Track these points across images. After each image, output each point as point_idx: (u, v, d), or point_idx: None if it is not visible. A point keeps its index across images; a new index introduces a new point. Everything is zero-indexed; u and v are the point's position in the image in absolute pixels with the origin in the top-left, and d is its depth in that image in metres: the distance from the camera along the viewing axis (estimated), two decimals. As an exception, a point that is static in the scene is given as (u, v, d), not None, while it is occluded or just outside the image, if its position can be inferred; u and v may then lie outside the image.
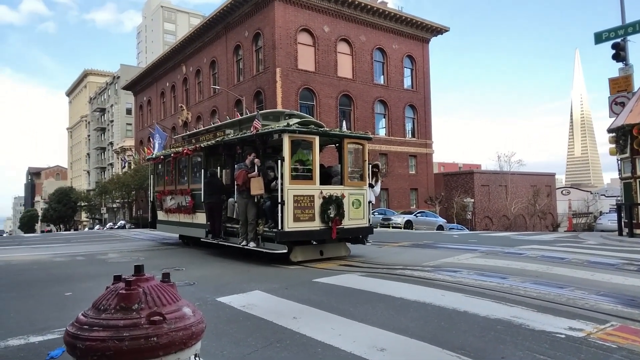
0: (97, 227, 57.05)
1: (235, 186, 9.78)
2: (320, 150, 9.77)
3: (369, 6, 34.62)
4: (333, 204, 9.03)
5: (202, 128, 15.71)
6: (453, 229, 30.94)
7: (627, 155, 14.20)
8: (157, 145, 18.76)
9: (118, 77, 70.96)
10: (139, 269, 1.52)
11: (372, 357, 3.59)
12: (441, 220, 31.18)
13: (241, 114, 31.38)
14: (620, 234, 14.82)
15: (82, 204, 64.75)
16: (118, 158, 66.45)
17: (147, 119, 52.30)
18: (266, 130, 9.31)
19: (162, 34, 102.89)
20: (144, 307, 1.42)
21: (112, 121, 75.03)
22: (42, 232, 60.68)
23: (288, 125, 8.97)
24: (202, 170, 11.43)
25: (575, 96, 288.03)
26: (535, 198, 44.78)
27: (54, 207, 63.48)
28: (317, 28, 32.65)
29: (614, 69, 17.08)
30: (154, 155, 15.42)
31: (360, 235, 9.86)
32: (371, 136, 10.66)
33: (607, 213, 34.01)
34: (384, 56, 36.82)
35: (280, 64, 30.73)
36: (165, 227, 14.22)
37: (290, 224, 8.52)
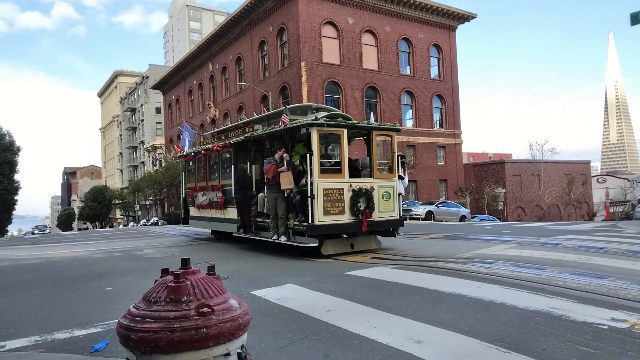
0: (131, 224, 58.60)
1: (265, 181, 9.85)
2: (348, 143, 9.72)
3: (393, -4, 34.14)
4: (363, 196, 9.00)
5: (231, 124, 15.89)
6: (484, 220, 30.35)
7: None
8: (186, 143, 19.09)
9: (147, 77, 72.39)
10: (185, 263, 1.56)
11: (409, 349, 3.58)
12: (464, 211, 30.34)
13: (267, 110, 31.61)
14: (662, 222, 14.26)
15: (117, 202, 66.58)
16: (149, 156, 67.95)
17: (176, 117, 53.22)
18: (294, 124, 9.35)
19: (188, 33, 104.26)
20: (193, 299, 1.46)
21: (142, 120, 76.72)
22: (79, 229, 62.77)
23: (316, 119, 8.98)
24: (232, 166, 11.54)
25: (610, 80, 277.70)
26: (569, 187, 43.50)
27: (89, 205, 65.53)
28: (341, 20, 32.45)
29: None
30: (184, 153, 15.64)
31: (390, 227, 9.81)
32: (400, 127, 10.59)
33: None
34: (410, 46, 36.33)
35: (305, 58, 30.72)
36: (198, 222, 14.41)
37: (320, 218, 8.55)
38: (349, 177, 9.15)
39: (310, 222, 8.54)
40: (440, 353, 3.49)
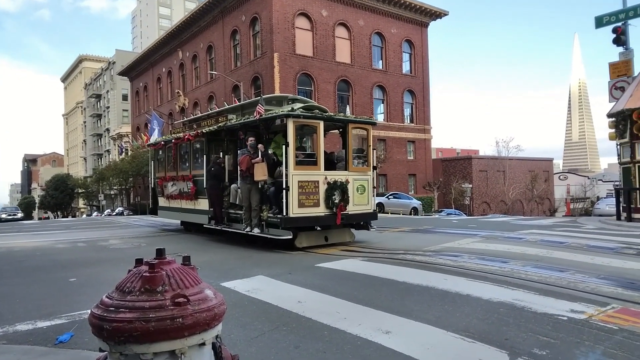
0: (95, 214, 57.08)
1: (239, 172, 9.69)
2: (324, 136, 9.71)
3: (367, -10, 34.23)
4: (338, 189, 8.99)
5: (204, 113, 15.60)
6: (450, 214, 30.97)
7: (627, 140, 14.25)
8: (155, 132, 18.68)
9: (113, 63, 70.29)
10: (160, 253, 1.55)
11: (377, 339, 3.65)
12: (415, 202, 30.07)
13: (239, 100, 31.24)
14: (619, 218, 14.93)
15: (80, 191, 64.65)
16: (115, 144, 66.18)
17: (144, 105, 51.98)
18: (270, 115, 9.22)
19: (158, 19, 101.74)
20: (168, 289, 1.45)
21: (108, 107, 74.55)
22: (40, 219, 60.69)
23: (292, 110, 8.86)
24: (204, 156, 11.35)
25: (574, 81, 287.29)
26: (533, 183, 44.91)
27: (51, 194, 63.36)
28: (314, 12, 32.32)
29: (614, 54, 16.99)
30: (154, 141, 15.24)
31: (364, 221, 9.84)
32: (375, 121, 10.65)
33: (604, 198, 34.18)
34: (383, 41, 36.55)
35: (278, 49, 30.48)
36: (167, 213, 14.18)
37: (295, 210, 8.49)
38: (324, 170, 9.12)
39: (284, 214, 8.47)
40: (408, 343, 3.57)
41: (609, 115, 14.98)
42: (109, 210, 53.32)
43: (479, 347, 3.47)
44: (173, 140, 13.10)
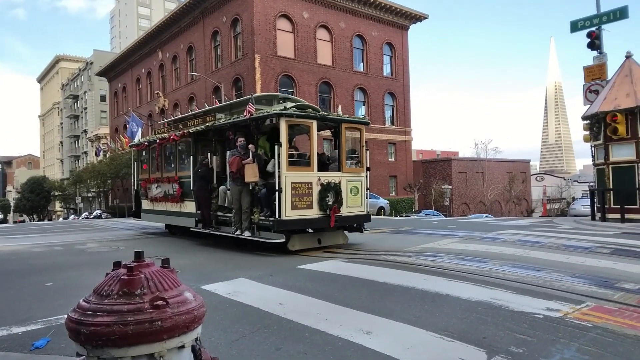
0: (72, 217, 55.94)
1: (229, 173, 9.36)
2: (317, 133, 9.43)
3: (348, -8, 34.40)
4: (331, 191, 8.77)
5: (189, 113, 15.16)
6: (429, 215, 31.29)
7: (601, 142, 14.61)
8: (134, 133, 18.42)
9: (91, 63, 69.05)
10: (139, 255, 1.54)
11: (358, 340, 3.67)
12: (383, 202, 29.74)
13: (220, 101, 30.96)
14: (593, 218, 15.30)
15: (56, 194, 63.31)
16: (92, 146, 64.97)
17: (123, 106, 51.20)
18: (261, 114, 8.95)
19: (137, 19, 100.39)
20: (147, 292, 1.44)
21: (85, 108, 73.19)
22: (15, 222, 59.19)
23: (285, 108, 8.57)
24: (191, 157, 11.00)
25: (550, 84, 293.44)
26: (510, 184, 45.70)
27: (26, 197, 61.90)
28: (296, 14, 32.33)
29: (589, 57, 17.46)
30: (137, 142, 14.64)
31: (358, 223, 9.64)
32: (369, 121, 10.35)
33: (579, 198, 34.97)
34: (364, 43, 36.77)
35: (259, 50, 30.40)
36: (151, 216, 13.75)
37: (288, 212, 8.25)
38: (318, 171, 8.90)
39: (277, 216, 8.24)
40: (388, 343, 3.60)
41: (584, 118, 15.34)
42: (86, 213, 52.33)
43: (458, 346, 3.52)
44: (157, 141, 12.64)
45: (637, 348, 3.43)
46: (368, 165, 9.96)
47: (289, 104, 9.25)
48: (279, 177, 8.23)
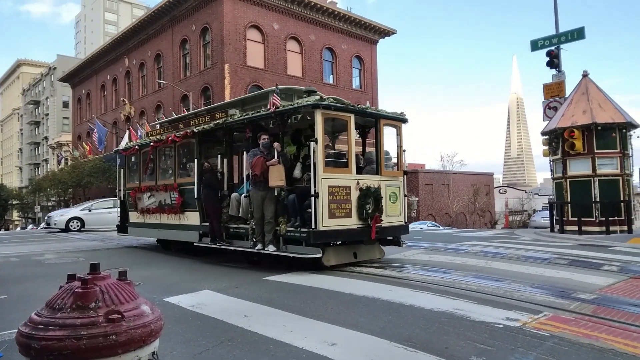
0: (30, 226, 53.77)
1: (251, 176, 7.98)
2: (337, 136, 8.98)
3: (319, 5, 34.79)
4: (371, 197, 7.65)
5: (190, 111, 13.33)
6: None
7: (559, 156, 15.19)
8: (101, 140, 17.94)
9: (54, 69, 67.09)
10: (94, 267, 1.50)
11: (323, 351, 3.67)
12: None
13: (187, 110, 30.59)
14: (552, 230, 15.83)
15: (14, 203, 60.77)
16: (54, 154, 62.84)
17: (86, 113, 49.83)
18: (290, 106, 7.70)
19: (103, 25, 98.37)
20: (102, 305, 1.41)
21: (47, 115, 70.89)
22: (-32, 232, 56.39)
23: (321, 99, 7.43)
24: (195, 160, 9.59)
25: (512, 99, 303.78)
26: (475, 197, 46.82)
27: (-19, 206, 59.12)
28: (266, 25, 32.42)
29: (549, 75, 18.19)
30: (124, 146, 13.05)
31: (397, 235, 8.53)
32: (407, 118, 9.04)
33: (540, 211, 36.16)
34: (333, 56, 37.17)
35: (229, 60, 30.27)
36: (141, 230, 12.08)
37: (325, 222, 7.12)
38: (356, 174, 7.81)
39: (313, 227, 7.07)
40: (353, 354, 3.62)
41: (543, 134, 15.94)
42: (43, 224, 50.40)
43: (420, 356, 3.56)
44: (152, 144, 11.08)
45: (591, 356, 3.56)
46: (405, 169, 8.99)
47: (314, 98, 7.86)
48: (315, 179, 7.09)
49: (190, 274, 7.68)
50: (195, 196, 9.39)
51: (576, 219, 14.55)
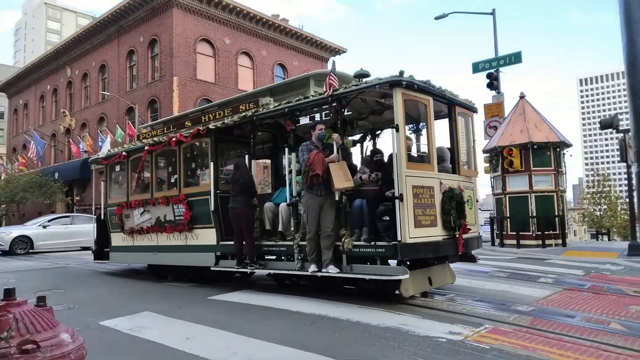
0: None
1: (307, 178, 6.17)
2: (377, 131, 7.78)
3: (270, 22, 34.99)
4: (454, 201, 6.28)
5: (195, 108, 11.12)
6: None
7: (499, 173, 15.92)
8: (39, 152, 16.97)
9: (-12, 77, 63.21)
10: (9, 293, 1.38)
11: (267, 372, 3.58)
12: None
13: (133, 123, 29.73)
14: (493, 244, 16.47)
15: (-62, 219, 56.12)
16: (-15, 167, 58.82)
17: (23, 124, 47.15)
18: (353, 87, 6.21)
19: (45, 33, 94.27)
20: (15, 334, 1.29)
21: (-21, 125, 66.42)
22: None
23: (401, 74, 5.90)
24: (211, 163, 7.81)
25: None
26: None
27: None
28: (217, 39, 32.18)
29: (489, 96, 19.10)
30: (105, 154, 10.97)
31: (473, 248, 6.93)
32: (477, 108, 7.74)
33: (482, 225, 37.54)
34: (285, 72, 37.36)
35: (178, 73, 29.72)
36: (127, 255, 10.04)
37: (411, 232, 5.68)
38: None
39: (399, 239, 5.58)
40: (298, 375, 3.55)
41: (484, 151, 16.67)
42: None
43: (365, 374, 3.55)
44: (146, 148, 9.12)
45: (527, 367, 3.68)
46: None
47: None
48: (398, 177, 5.76)
49: (130, 295, 7.34)
50: (212, 208, 7.66)
51: (515, 233, 15.22)
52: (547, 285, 7.66)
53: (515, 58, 18.50)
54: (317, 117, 7.82)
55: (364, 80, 6.31)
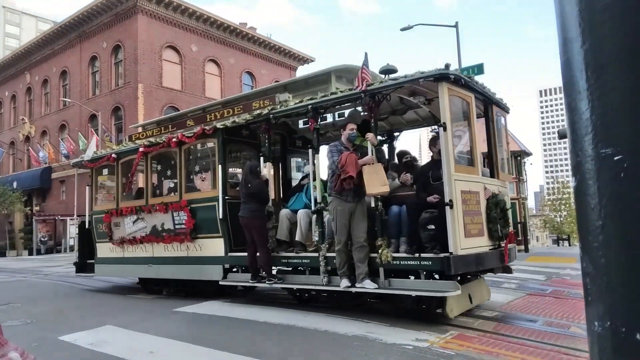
0: None
1: (336, 182, 5.61)
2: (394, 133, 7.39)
3: (238, 30, 34.84)
4: (498, 207, 5.80)
5: (196, 107, 10.32)
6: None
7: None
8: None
9: (-60, 81, 60.30)
10: (-49, 312, 1.29)
11: (233, 386, 3.51)
12: None
13: (96, 131, 28.92)
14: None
15: None
16: (-64, 176, 55.91)
17: (-21, 131, 45.19)
18: (390, 82, 5.65)
19: (3, 37, 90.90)
20: (-44, 356, 1.22)
21: None
22: None
23: (447, 67, 5.34)
24: (219, 166, 7.16)
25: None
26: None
27: None
28: (184, 46, 31.77)
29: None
30: (91, 156, 9.73)
31: (513, 259, 6.36)
32: (509, 108, 7.20)
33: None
34: (253, 80, 37.21)
35: (143, 80, 29.14)
36: (116, 268, 9.13)
37: (462, 242, 5.12)
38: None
39: (451, 250, 5.02)
40: (264, 387, 3.49)
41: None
42: None
43: (332, 384, 3.53)
44: (141, 149, 8.24)
45: (491, 372, 3.74)
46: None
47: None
48: (448, 181, 5.19)
49: (92, 308, 7.09)
50: (220, 216, 7.02)
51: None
52: (511, 291, 7.84)
53: (477, 69, 19.01)
54: (329, 117, 7.57)
55: (392, 76, 5.85)
